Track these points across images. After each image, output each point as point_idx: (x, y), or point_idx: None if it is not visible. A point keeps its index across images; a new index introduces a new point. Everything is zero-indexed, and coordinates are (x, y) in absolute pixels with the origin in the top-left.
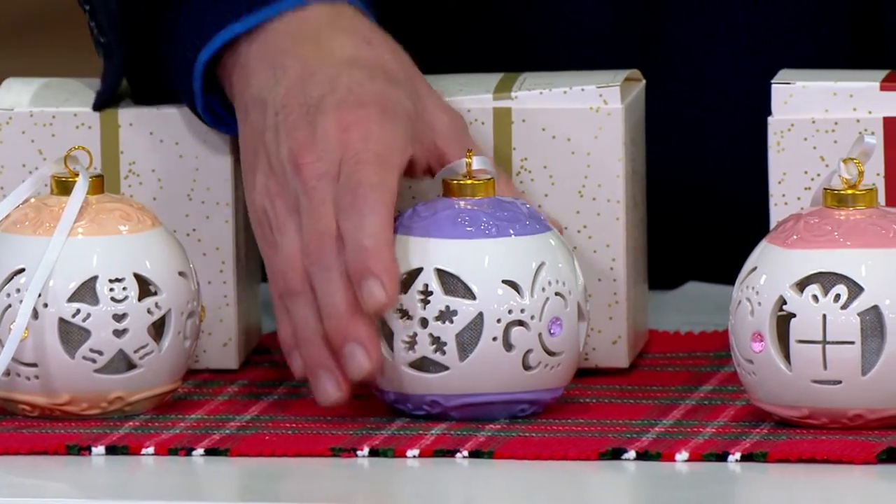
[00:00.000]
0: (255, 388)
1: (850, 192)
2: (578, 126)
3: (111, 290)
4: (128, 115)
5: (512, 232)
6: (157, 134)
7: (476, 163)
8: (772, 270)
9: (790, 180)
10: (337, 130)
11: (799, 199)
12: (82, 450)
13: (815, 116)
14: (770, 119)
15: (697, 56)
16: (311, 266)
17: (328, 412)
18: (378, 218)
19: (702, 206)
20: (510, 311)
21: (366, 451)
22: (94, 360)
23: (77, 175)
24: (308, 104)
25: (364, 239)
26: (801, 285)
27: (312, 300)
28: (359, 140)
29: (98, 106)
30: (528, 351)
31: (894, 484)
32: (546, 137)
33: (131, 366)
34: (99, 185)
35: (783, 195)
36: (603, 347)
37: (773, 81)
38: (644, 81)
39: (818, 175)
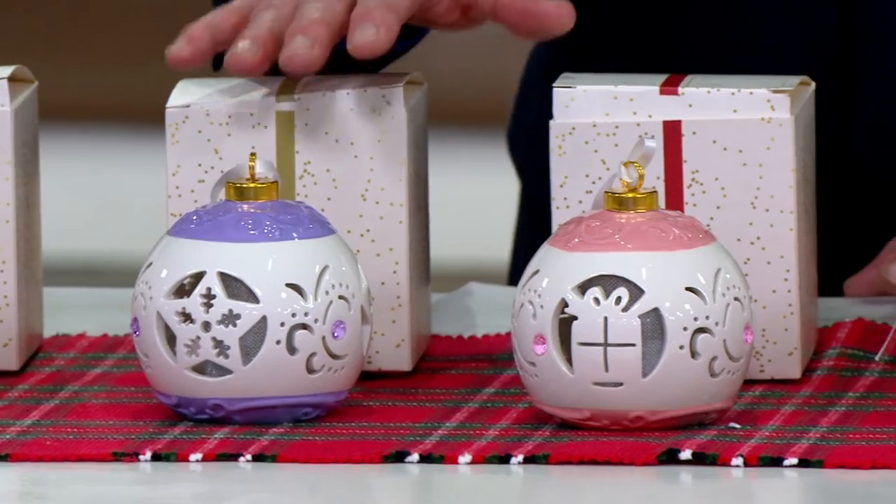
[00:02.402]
0: (36, 392)
1: (630, 195)
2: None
3: None
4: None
5: (295, 235)
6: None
7: (259, 166)
8: (554, 273)
9: (571, 184)
10: None
11: (580, 202)
12: None
13: (597, 120)
14: (551, 123)
15: None
16: None
17: (110, 416)
18: None
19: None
20: (294, 315)
21: (148, 455)
22: None
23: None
24: None
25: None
26: (583, 288)
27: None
28: None
29: (216, 65)
30: (312, 354)
31: (674, 485)
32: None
33: None
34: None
35: (565, 198)
36: (386, 351)
37: (553, 85)
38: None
39: (599, 178)
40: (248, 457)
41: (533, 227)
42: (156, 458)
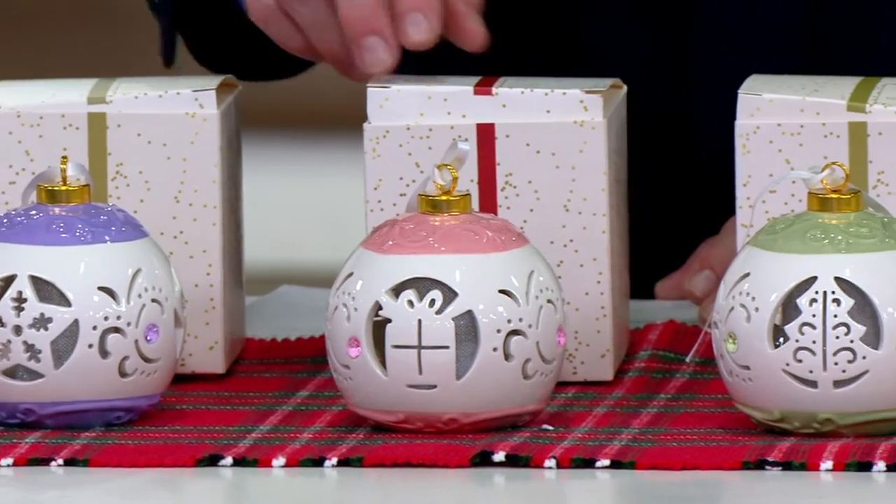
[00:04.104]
0: None
1: (444, 198)
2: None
3: None
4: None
5: (108, 238)
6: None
7: (71, 169)
8: (368, 276)
9: (386, 186)
10: None
11: (395, 204)
12: None
13: (410, 122)
14: (365, 126)
15: None
16: None
17: None
18: None
19: None
20: (106, 318)
21: None
22: None
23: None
24: None
25: None
26: (397, 291)
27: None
28: None
29: (167, 63)
30: (125, 358)
31: (488, 488)
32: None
33: None
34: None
35: (379, 201)
36: (200, 353)
37: (368, 85)
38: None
39: (413, 181)
40: (60, 461)
41: None
42: None
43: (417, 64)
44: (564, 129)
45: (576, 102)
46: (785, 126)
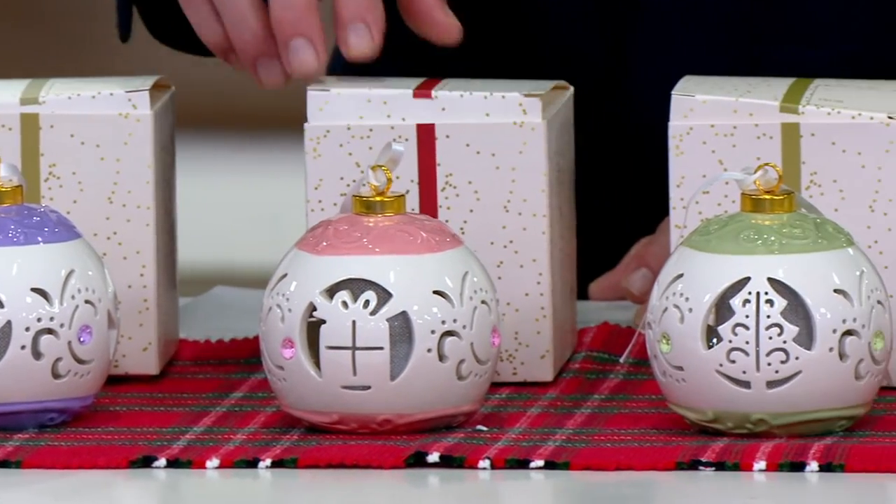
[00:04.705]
0: None
1: (378, 199)
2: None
3: None
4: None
5: (41, 239)
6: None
7: (3, 170)
8: (302, 277)
9: (326, 186)
10: None
11: (335, 204)
12: None
13: (351, 123)
14: (306, 125)
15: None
16: None
17: None
18: None
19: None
20: (39, 320)
21: None
22: None
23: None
24: None
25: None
26: (331, 292)
27: None
28: None
29: (123, 38)
30: (58, 359)
31: (422, 489)
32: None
33: None
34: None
35: (319, 201)
36: (133, 354)
37: (308, 88)
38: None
39: (354, 181)
40: None
41: None
42: None
43: (354, 65)
44: (504, 130)
45: (515, 105)
46: (718, 127)
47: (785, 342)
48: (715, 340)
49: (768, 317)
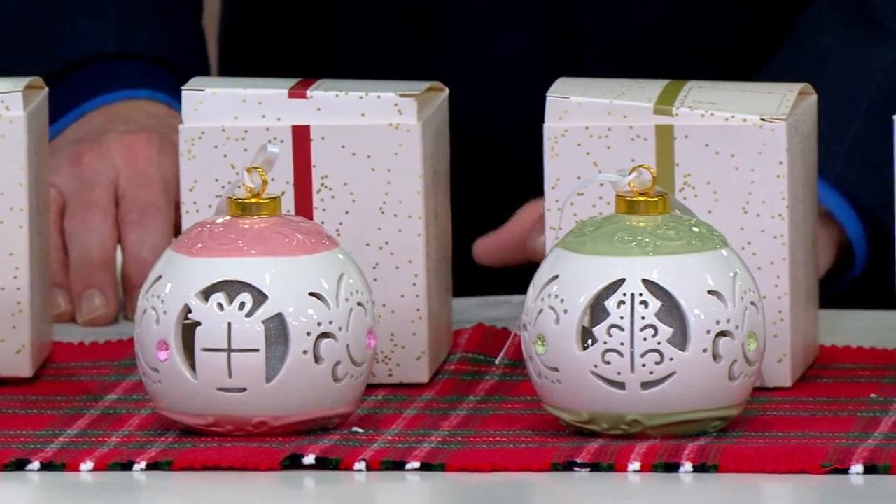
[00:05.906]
0: None
1: (253, 200)
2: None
3: None
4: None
5: None
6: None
7: None
8: (177, 279)
9: (201, 188)
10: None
11: (210, 206)
12: None
13: (226, 124)
14: (181, 127)
15: None
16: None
17: None
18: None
19: None
20: None
21: None
22: None
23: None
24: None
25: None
26: (206, 294)
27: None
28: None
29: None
30: None
31: (298, 490)
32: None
33: None
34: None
35: (195, 203)
36: (7, 357)
37: (182, 88)
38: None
39: (229, 183)
40: None
41: None
42: None
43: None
44: (380, 132)
45: (390, 106)
46: (592, 129)
47: (659, 343)
48: (590, 342)
49: (643, 318)
